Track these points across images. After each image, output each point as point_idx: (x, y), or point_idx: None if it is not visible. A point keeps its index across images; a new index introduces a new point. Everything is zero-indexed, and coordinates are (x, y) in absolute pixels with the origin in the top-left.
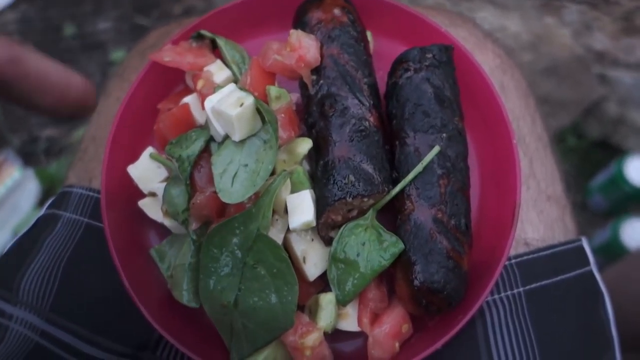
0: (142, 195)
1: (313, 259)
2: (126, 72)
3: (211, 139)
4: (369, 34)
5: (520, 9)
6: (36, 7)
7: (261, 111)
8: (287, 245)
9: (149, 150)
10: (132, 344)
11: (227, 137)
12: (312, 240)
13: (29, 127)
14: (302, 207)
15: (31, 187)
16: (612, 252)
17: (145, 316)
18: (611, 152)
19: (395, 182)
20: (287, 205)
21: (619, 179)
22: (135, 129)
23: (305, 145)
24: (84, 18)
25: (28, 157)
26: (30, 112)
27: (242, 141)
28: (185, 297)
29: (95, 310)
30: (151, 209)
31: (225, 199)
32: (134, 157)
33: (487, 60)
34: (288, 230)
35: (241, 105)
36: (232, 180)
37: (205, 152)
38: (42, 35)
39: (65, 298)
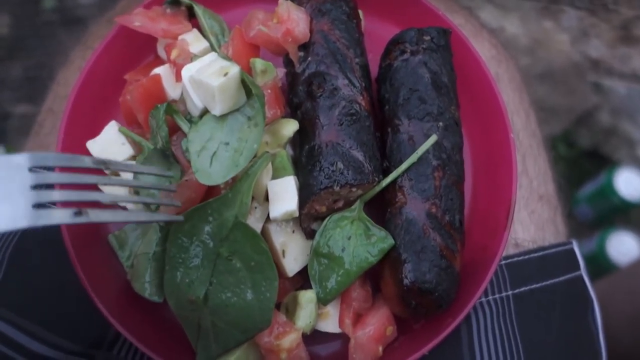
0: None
1: (293, 253)
2: (90, 39)
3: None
4: (360, 13)
5: (519, 10)
6: None
7: (247, 84)
8: (265, 237)
9: (113, 124)
10: (84, 341)
11: (205, 112)
12: (293, 232)
13: (0, 103)
14: (284, 195)
15: None
16: (597, 264)
17: (101, 310)
18: (601, 162)
19: (385, 172)
20: (269, 192)
21: (608, 190)
22: (98, 100)
23: (291, 127)
24: None
25: None
26: None
27: (224, 117)
28: (147, 290)
29: (43, 301)
30: (113, 190)
31: (203, 180)
32: (94, 132)
33: (482, 50)
34: (267, 220)
35: (225, 75)
36: (211, 159)
37: None
38: (20, 7)
39: (10, 287)
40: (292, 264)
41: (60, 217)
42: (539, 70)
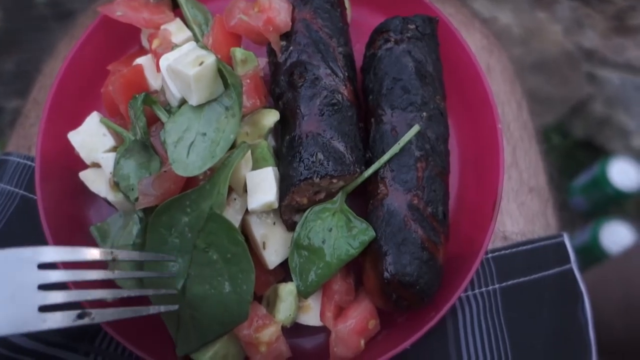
0: (84, 165)
1: (274, 245)
2: (77, 30)
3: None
4: (346, 1)
5: (513, 1)
6: None
7: (224, 73)
8: (245, 229)
9: (94, 115)
10: (66, 333)
11: (184, 102)
12: (274, 224)
13: None
14: (263, 186)
15: None
16: (591, 254)
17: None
18: (595, 152)
19: (368, 163)
20: (247, 183)
21: (602, 181)
22: (80, 91)
23: (271, 117)
24: None
25: None
26: None
27: (201, 107)
28: (127, 282)
29: None
30: (94, 181)
31: (179, 171)
32: (77, 123)
33: (473, 40)
34: (247, 211)
35: (200, 64)
36: (188, 150)
37: None
38: (13, 1)
39: None
40: (272, 257)
41: (63, 320)
42: (533, 60)
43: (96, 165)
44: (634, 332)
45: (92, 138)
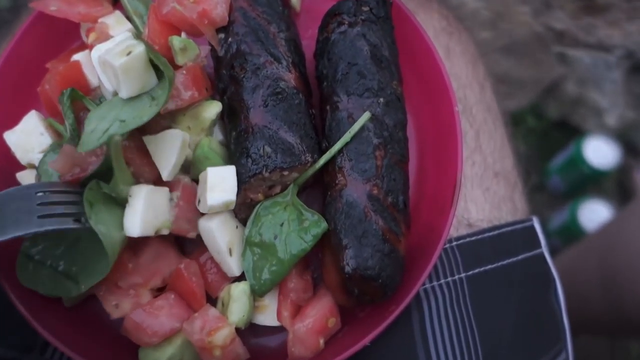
0: (21, 166)
1: (239, 250)
2: (16, 28)
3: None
4: None
5: None
6: None
7: (156, 63)
8: (207, 236)
9: (32, 114)
10: (15, 346)
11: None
12: (237, 227)
13: None
14: (223, 184)
15: None
16: (570, 234)
17: (22, 312)
18: (570, 132)
19: (325, 153)
20: (208, 179)
21: (578, 160)
22: (18, 90)
23: (212, 109)
24: None
25: None
26: None
27: (132, 99)
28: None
29: None
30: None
31: (79, 147)
32: (15, 123)
33: (431, 22)
34: (209, 219)
35: (128, 54)
36: (102, 134)
37: None
38: None
39: None
40: (239, 262)
41: (62, 223)
42: (503, 43)
43: (32, 166)
44: (611, 305)
45: (28, 138)
